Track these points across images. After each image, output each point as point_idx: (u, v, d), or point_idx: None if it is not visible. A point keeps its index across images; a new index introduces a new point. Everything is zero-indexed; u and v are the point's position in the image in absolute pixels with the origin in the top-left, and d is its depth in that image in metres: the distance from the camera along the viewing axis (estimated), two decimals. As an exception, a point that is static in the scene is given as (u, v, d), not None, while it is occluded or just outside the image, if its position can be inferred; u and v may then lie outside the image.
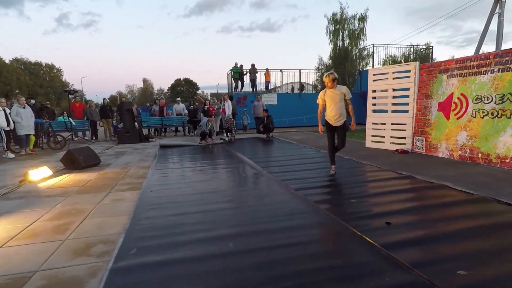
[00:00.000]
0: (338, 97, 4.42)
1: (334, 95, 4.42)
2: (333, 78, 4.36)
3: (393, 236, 2.39)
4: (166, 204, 3.41)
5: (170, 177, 4.78)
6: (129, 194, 3.86)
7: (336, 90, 4.42)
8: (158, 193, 3.84)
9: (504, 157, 4.80)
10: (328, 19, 30.00)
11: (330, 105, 4.48)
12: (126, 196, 3.80)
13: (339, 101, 4.43)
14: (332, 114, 4.47)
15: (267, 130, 10.31)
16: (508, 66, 4.81)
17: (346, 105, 4.51)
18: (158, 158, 6.51)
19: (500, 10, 15.53)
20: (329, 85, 4.40)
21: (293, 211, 3.07)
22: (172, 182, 4.43)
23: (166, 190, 3.97)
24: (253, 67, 14.20)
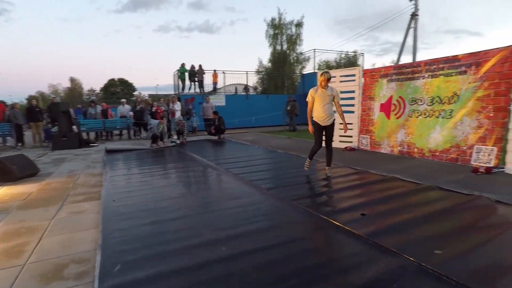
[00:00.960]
0: (328, 98, 4.37)
1: (325, 95, 4.36)
2: (328, 78, 4.30)
3: (371, 225, 2.61)
4: (137, 213, 3.16)
5: (130, 184, 4.42)
6: (89, 205, 3.47)
7: (328, 91, 4.39)
8: (123, 202, 3.53)
9: (434, 151, 5.58)
10: (268, 23, 31.18)
11: (319, 105, 4.40)
12: (85, 207, 3.40)
13: (328, 102, 4.39)
14: (320, 114, 4.40)
15: (219, 132, 10.22)
16: (436, 73, 5.62)
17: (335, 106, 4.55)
18: (109, 164, 5.96)
19: (415, 25, 18.02)
20: (323, 84, 4.32)
21: (272, 210, 3.13)
22: (135, 189, 4.11)
23: (131, 198, 3.67)
24: (200, 68, 13.92)
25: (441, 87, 5.51)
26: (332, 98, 4.42)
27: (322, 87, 4.37)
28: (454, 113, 5.29)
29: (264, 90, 27.88)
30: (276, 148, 7.72)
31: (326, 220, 2.76)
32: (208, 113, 12.26)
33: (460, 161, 5.13)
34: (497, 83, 4.71)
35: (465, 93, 5.14)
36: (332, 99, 4.42)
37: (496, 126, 4.70)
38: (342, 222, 2.68)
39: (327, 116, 4.41)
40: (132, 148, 8.06)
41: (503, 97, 4.62)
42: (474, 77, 5.01)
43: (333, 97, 4.42)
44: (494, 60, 4.76)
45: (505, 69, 4.62)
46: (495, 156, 4.68)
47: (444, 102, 5.46)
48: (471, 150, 5.01)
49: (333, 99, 4.44)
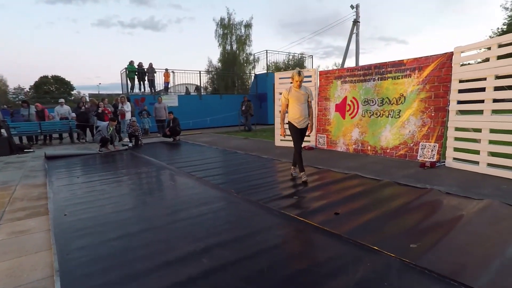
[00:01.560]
0: (303, 98, 4.24)
1: (300, 95, 4.23)
2: (303, 77, 4.21)
3: (347, 224, 2.69)
4: (96, 227, 2.81)
5: (83, 194, 3.95)
6: (34, 222, 3.00)
7: (302, 90, 4.26)
8: (77, 215, 3.13)
9: (386, 148, 6.03)
10: (217, 23, 31.13)
11: (294, 105, 4.24)
12: (30, 225, 2.93)
13: (303, 102, 4.26)
14: (297, 116, 4.25)
15: (174, 133, 9.79)
16: (385, 76, 6.07)
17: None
18: (53, 173, 5.28)
19: (357, 31, 19.38)
20: (298, 83, 4.18)
21: (247, 215, 3.04)
22: (90, 199, 3.68)
23: (86, 211, 3.27)
24: (150, 66, 13.17)
25: (390, 89, 5.97)
26: (307, 97, 4.31)
27: (296, 87, 4.24)
28: (401, 113, 5.77)
29: (215, 90, 27.57)
30: (235, 149, 7.63)
31: (303, 222, 2.77)
32: (161, 114, 11.68)
33: (408, 157, 5.62)
34: (436, 86, 5.25)
35: (410, 95, 5.63)
36: (307, 98, 4.31)
37: (437, 124, 5.24)
38: (319, 223, 2.71)
39: (303, 118, 4.29)
40: (78, 154, 7.27)
41: (442, 99, 5.17)
42: (417, 80, 5.52)
43: (308, 96, 4.32)
44: (434, 65, 5.29)
45: (442, 74, 5.16)
46: (437, 151, 5.21)
47: (393, 103, 5.92)
48: (417, 147, 5.51)
49: (308, 98, 4.33)
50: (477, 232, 2.47)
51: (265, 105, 16.95)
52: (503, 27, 21.70)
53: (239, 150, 7.45)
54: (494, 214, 2.86)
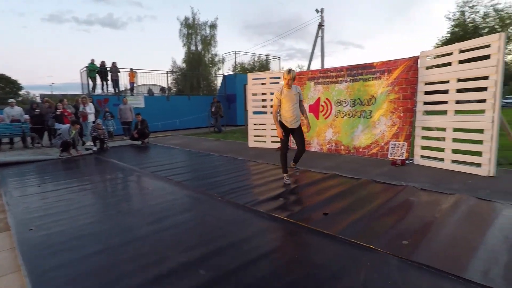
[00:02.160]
0: (295, 98, 4.22)
1: (292, 95, 4.20)
2: (293, 76, 4.12)
3: (338, 224, 2.71)
4: (71, 241, 2.54)
5: (47, 205, 3.56)
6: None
7: (293, 90, 4.22)
8: (45, 230, 2.81)
9: (358, 147, 6.26)
10: (181, 22, 30.64)
11: (286, 106, 4.21)
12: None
13: (296, 102, 4.25)
14: (289, 116, 4.23)
15: (143, 136, 9.33)
16: (356, 78, 6.30)
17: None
18: (7, 182, 4.72)
19: (321, 35, 20.05)
20: (290, 83, 4.14)
21: (236, 219, 2.95)
22: (57, 210, 3.33)
23: (55, 223, 2.95)
24: (114, 65, 12.43)
25: (361, 90, 6.20)
26: (299, 96, 4.29)
27: (287, 87, 4.19)
28: (373, 114, 6.03)
29: (179, 91, 26.93)
30: (209, 151, 7.46)
31: (295, 224, 2.75)
32: (126, 116, 11.08)
33: (380, 156, 5.88)
34: (404, 88, 5.56)
35: (380, 96, 5.90)
36: (298, 98, 4.29)
37: (405, 124, 5.55)
38: (311, 224, 2.71)
39: (296, 117, 4.26)
40: (35, 160, 6.61)
41: (410, 100, 5.48)
42: (387, 82, 5.80)
43: (299, 95, 4.29)
44: (401, 68, 5.60)
45: (410, 76, 5.48)
46: (406, 150, 5.51)
47: (364, 103, 6.16)
48: (387, 146, 5.78)
49: (299, 97, 4.31)
50: (457, 225, 2.62)
51: (234, 106, 16.86)
52: (447, 35, 23.78)
53: (213, 152, 7.30)
54: (467, 207, 3.07)
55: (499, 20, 21.01)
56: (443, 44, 23.25)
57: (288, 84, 4.16)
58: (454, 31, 23.18)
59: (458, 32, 22.82)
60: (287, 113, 4.24)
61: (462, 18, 22.99)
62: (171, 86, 28.02)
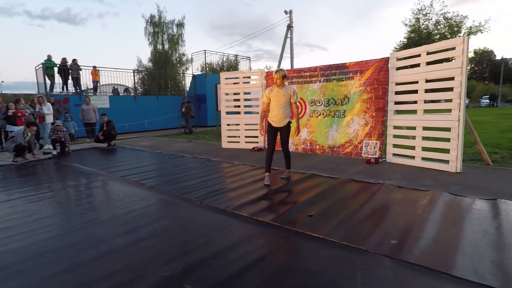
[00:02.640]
0: (284, 99, 4.12)
1: (281, 95, 4.11)
2: (283, 75, 4.04)
3: (325, 226, 2.65)
4: (32, 259, 2.22)
5: (1, 217, 3.14)
6: None
7: (283, 91, 4.11)
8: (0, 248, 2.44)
9: (333, 146, 6.35)
10: (147, 20, 29.73)
11: (274, 106, 4.16)
12: None
13: (285, 103, 4.14)
14: (274, 115, 4.20)
15: (109, 138, 8.76)
16: (330, 78, 6.38)
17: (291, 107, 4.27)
18: None
19: (290, 36, 20.33)
20: (278, 82, 4.05)
21: (219, 225, 2.79)
22: (12, 224, 2.93)
23: (11, 239, 2.58)
24: (75, 63, 11.56)
25: (335, 90, 6.29)
26: (289, 98, 4.16)
27: (278, 86, 4.11)
28: (346, 113, 6.13)
29: (146, 91, 25.96)
30: (181, 153, 7.17)
31: (281, 228, 2.65)
32: (89, 117, 10.37)
33: (354, 155, 6.00)
34: (376, 88, 5.72)
35: (353, 96, 6.02)
36: (289, 99, 4.17)
37: (378, 123, 5.71)
38: (298, 227, 2.62)
39: (280, 118, 4.18)
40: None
41: (381, 100, 5.65)
42: (359, 82, 5.93)
43: (290, 97, 4.16)
44: (373, 69, 5.75)
45: (381, 77, 5.65)
46: (378, 148, 5.67)
47: (338, 103, 6.26)
48: (361, 145, 5.92)
49: (290, 99, 4.18)
50: (438, 221, 2.68)
51: (204, 106, 16.51)
52: (404, 40, 25.27)
53: (186, 154, 7.02)
54: (443, 203, 3.17)
55: (448, 27, 22.68)
56: (401, 48, 24.66)
57: (277, 83, 4.09)
58: (411, 37, 24.65)
59: (414, 38, 24.31)
60: (272, 112, 4.24)
61: (417, 25, 24.51)
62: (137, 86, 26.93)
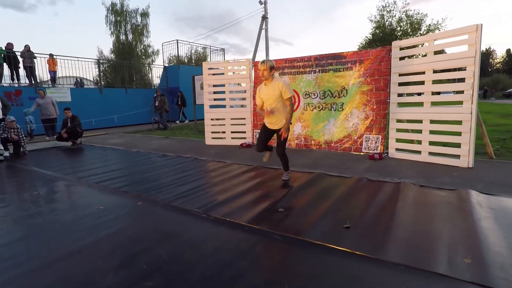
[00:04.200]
0: (274, 97, 3.47)
1: (270, 93, 3.48)
2: (270, 66, 3.40)
3: (375, 242, 2.20)
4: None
5: None
6: None
7: (271, 86, 3.47)
8: None
9: (330, 141, 5.97)
10: (107, 8, 27.87)
11: (266, 104, 3.60)
12: None
13: (277, 101, 3.47)
14: (268, 116, 3.60)
15: (74, 136, 7.68)
16: (326, 68, 5.97)
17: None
18: None
19: (265, 27, 19.84)
20: (265, 75, 3.42)
21: (243, 245, 2.22)
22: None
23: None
24: (27, 49, 10.06)
25: (331, 81, 5.89)
26: (279, 95, 3.45)
27: (266, 80, 3.51)
28: (344, 106, 5.77)
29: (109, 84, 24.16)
30: (163, 152, 6.41)
31: (325, 247, 2.15)
32: (48, 112, 9.10)
33: (353, 150, 5.66)
34: (377, 79, 5.40)
35: (352, 88, 5.66)
36: (279, 96, 3.47)
37: (379, 117, 5.40)
38: (346, 246, 2.14)
39: (277, 118, 3.57)
40: None
41: (383, 92, 5.34)
42: (358, 73, 5.58)
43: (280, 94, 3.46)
44: (373, 59, 5.42)
45: (382, 67, 5.33)
46: (380, 143, 5.38)
47: (335, 95, 5.87)
48: (361, 139, 5.59)
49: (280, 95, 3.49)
50: (490, 227, 2.35)
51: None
52: (369, 36, 25.85)
53: (168, 152, 6.28)
54: (485, 205, 2.86)
55: (409, 24, 23.50)
56: (367, 44, 25.19)
57: (264, 76, 3.47)
58: (376, 33, 25.23)
59: (378, 34, 24.91)
60: (266, 114, 3.63)
61: (382, 21, 25.12)
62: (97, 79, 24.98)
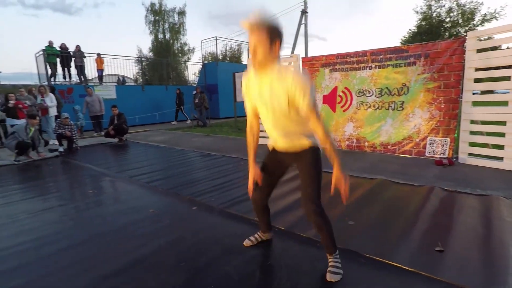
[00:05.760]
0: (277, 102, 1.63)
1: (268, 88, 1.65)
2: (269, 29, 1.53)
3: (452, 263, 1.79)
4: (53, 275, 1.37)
5: (8, 227, 2.28)
6: None
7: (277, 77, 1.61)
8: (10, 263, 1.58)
9: (386, 144, 5.45)
10: (147, 8, 29.02)
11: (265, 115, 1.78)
12: None
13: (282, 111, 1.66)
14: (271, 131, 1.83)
15: (121, 132, 7.86)
16: (383, 64, 5.45)
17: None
18: None
19: (305, 22, 19.25)
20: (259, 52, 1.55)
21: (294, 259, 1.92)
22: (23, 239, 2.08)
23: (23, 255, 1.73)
24: (78, 49, 10.56)
25: (390, 78, 5.36)
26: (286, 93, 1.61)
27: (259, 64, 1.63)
28: (405, 105, 5.22)
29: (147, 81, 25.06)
30: (206, 150, 6.29)
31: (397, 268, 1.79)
32: (95, 109, 9.45)
33: (414, 154, 5.11)
34: (446, 75, 4.79)
35: (415, 85, 5.10)
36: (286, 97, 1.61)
37: (447, 117, 4.80)
38: (410, 265, 1.76)
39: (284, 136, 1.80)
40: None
41: (454, 89, 4.73)
42: (423, 69, 5.00)
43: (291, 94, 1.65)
44: (443, 52, 4.81)
45: (454, 61, 4.71)
46: (449, 147, 4.78)
47: (394, 93, 5.34)
48: (424, 142, 5.02)
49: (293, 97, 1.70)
50: None
51: (216, 97, 15.55)
52: (414, 29, 24.03)
53: (212, 152, 6.14)
54: None
55: (461, 15, 21.53)
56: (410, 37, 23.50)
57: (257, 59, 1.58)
58: (421, 25, 23.47)
59: (424, 26, 23.14)
60: (267, 126, 1.82)
61: (429, 12, 23.30)
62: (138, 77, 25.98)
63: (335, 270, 1.79)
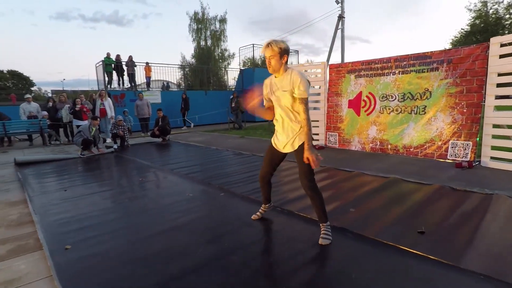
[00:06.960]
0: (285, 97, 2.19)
1: (279, 90, 2.22)
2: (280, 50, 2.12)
3: (464, 254, 2.13)
4: (125, 267, 2.01)
5: (81, 214, 3.05)
6: (25, 265, 2.12)
7: (286, 78, 2.17)
8: (85, 250, 2.28)
9: (409, 146, 5.63)
10: (191, 17, 30.74)
11: (277, 113, 2.32)
12: (19, 269, 2.06)
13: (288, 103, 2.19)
14: (278, 130, 2.35)
15: (164, 133, 8.84)
16: (407, 70, 5.65)
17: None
18: (30, 184, 4.26)
19: (342, 27, 19.28)
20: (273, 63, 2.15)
21: (295, 232, 2.39)
22: (95, 221, 2.82)
23: (96, 239, 2.43)
24: (130, 59, 11.95)
25: (413, 83, 5.55)
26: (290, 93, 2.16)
27: (275, 73, 2.23)
28: (427, 109, 5.38)
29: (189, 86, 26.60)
30: (238, 150, 6.91)
31: (378, 242, 2.18)
32: (143, 112, 10.64)
33: (436, 157, 5.24)
34: (469, 80, 4.89)
35: (437, 90, 5.25)
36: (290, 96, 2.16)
37: (469, 121, 4.89)
38: (391, 241, 2.13)
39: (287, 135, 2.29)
40: (56, 158, 6.16)
41: (476, 94, 4.82)
42: (445, 74, 5.14)
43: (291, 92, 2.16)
44: (465, 58, 4.93)
45: (476, 67, 4.81)
46: (471, 150, 4.87)
47: (416, 98, 5.52)
48: (446, 145, 5.14)
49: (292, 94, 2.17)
50: None
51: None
52: (467, 27, 22.61)
53: (243, 151, 6.75)
54: None
55: None
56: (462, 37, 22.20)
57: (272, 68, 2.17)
58: (475, 23, 22.07)
59: (479, 25, 21.73)
60: (276, 124, 2.36)
61: (484, 9, 21.86)
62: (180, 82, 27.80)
63: (325, 236, 2.28)
